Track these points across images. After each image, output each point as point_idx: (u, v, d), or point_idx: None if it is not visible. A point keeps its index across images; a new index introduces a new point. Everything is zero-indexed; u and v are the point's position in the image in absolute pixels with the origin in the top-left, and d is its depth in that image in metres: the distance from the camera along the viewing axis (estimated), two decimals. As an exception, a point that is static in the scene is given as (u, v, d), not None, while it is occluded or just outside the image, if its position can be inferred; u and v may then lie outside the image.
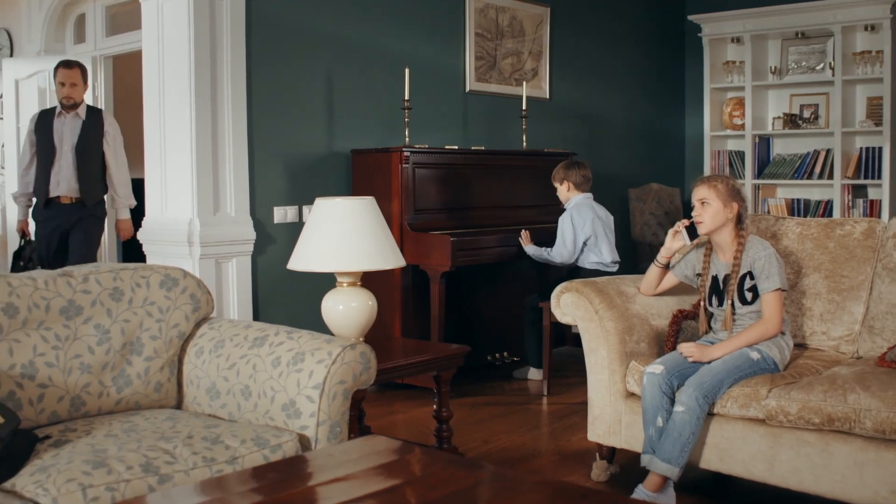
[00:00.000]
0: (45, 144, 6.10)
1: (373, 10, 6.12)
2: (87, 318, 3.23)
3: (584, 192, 5.96)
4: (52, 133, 6.11)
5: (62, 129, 6.11)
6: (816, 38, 8.20)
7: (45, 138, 6.11)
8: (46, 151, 6.10)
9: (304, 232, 3.93)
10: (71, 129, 6.11)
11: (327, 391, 3.02)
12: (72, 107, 6.10)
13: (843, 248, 4.20)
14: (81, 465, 2.60)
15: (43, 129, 6.15)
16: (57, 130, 6.11)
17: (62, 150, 6.10)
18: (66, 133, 6.11)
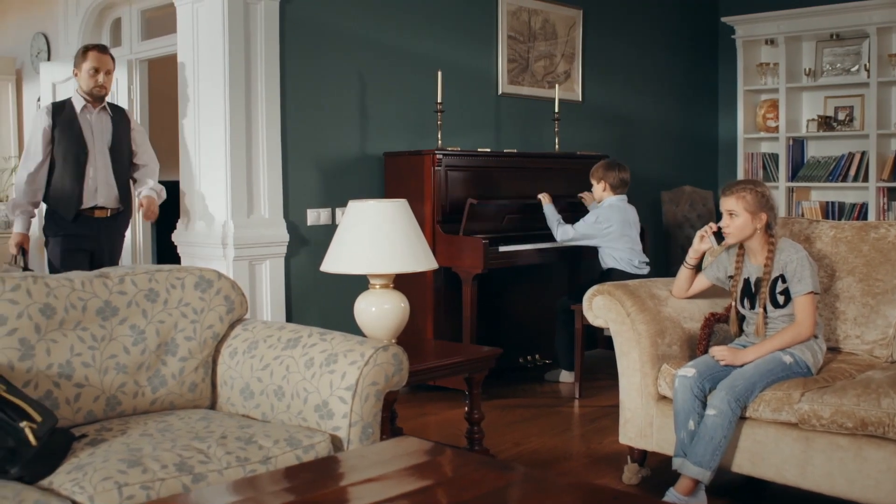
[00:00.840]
0: (74, 143, 5.19)
1: (406, 13, 6.15)
2: (122, 318, 3.27)
3: (619, 194, 5.95)
4: (80, 129, 5.21)
5: (91, 125, 5.26)
6: (851, 40, 8.14)
7: (73, 135, 5.19)
8: (76, 151, 5.18)
9: (337, 234, 3.95)
10: (101, 125, 5.29)
11: (360, 392, 3.04)
12: (100, 99, 5.29)
13: (878, 251, 4.17)
14: (117, 463, 2.64)
15: (67, 125, 5.20)
16: (86, 126, 5.24)
17: (95, 151, 5.24)
18: (97, 130, 5.27)
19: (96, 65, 5.23)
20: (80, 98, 5.27)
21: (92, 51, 5.30)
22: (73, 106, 5.25)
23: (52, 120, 5.21)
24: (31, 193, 5.23)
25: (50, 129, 5.20)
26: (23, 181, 5.21)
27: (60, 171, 5.19)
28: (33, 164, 5.20)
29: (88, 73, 5.23)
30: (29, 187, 5.21)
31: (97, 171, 5.22)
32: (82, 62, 5.25)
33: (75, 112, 5.23)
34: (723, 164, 8.95)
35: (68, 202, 5.19)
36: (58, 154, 5.20)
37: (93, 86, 5.23)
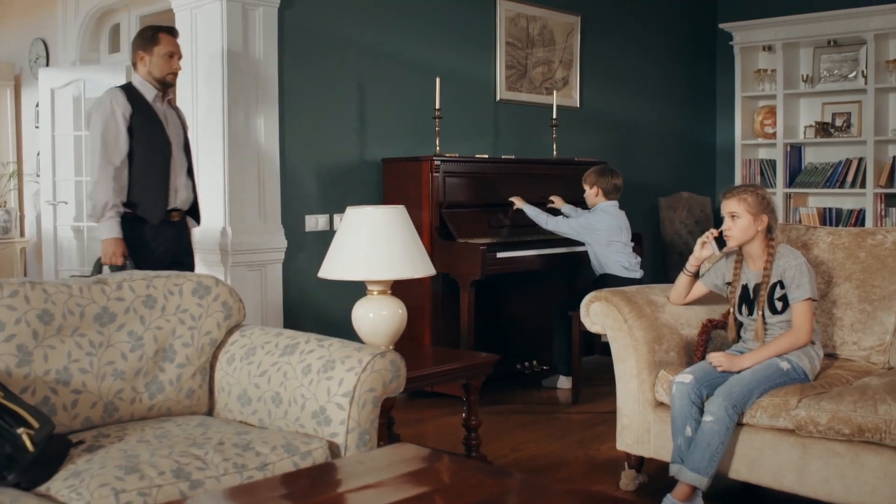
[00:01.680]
0: (158, 137, 4.65)
1: (404, 20, 6.16)
2: (120, 324, 3.27)
3: (611, 200, 5.96)
4: (159, 120, 4.69)
5: (165, 116, 4.75)
6: (849, 46, 8.16)
7: (156, 129, 4.65)
8: (160, 147, 4.65)
9: (334, 240, 3.95)
10: (172, 117, 4.81)
11: (357, 399, 3.04)
12: (167, 89, 4.77)
13: (875, 257, 4.18)
14: (114, 470, 2.64)
15: (145, 114, 4.63)
16: (162, 117, 4.71)
17: (173, 145, 4.74)
18: (171, 122, 4.78)
19: (172, 48, 4.72)
20: (149, 86, 4.70)
21: (164, 33, 4.74)
22: (141, 94, 4.67)
23: (130, 108, 4.58)
24: (119, 191, 4.54)
25: (129, 117, 4.58)
26: (109, 177, 4.50)
27: (143, 167, 4.59)
28: (118, 157, 4.54)
29: (163, 57, 4.68)
30: (117, 184, 4.52)
31: (177, 171, 4.75)
32: (153, 46, 4.67)
33: (147, 100, 4.67)
34: (720, 170, 8.97)
35: (154, 204, 4.63)
36: (138, 147, 4.59)
37: (168, 71, 4.70)
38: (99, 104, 4.62)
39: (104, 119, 4.56)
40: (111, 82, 6.93)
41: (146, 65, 4.69)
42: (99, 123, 4.55)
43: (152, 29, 4.76)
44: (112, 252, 4.49)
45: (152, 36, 4.70)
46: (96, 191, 4.52)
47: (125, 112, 4.55)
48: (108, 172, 4.51)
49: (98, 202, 4.51)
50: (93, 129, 4.59)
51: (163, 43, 4.68)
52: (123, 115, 4.55)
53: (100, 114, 4.57)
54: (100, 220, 4.53)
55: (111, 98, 4.59)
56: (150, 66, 4.68)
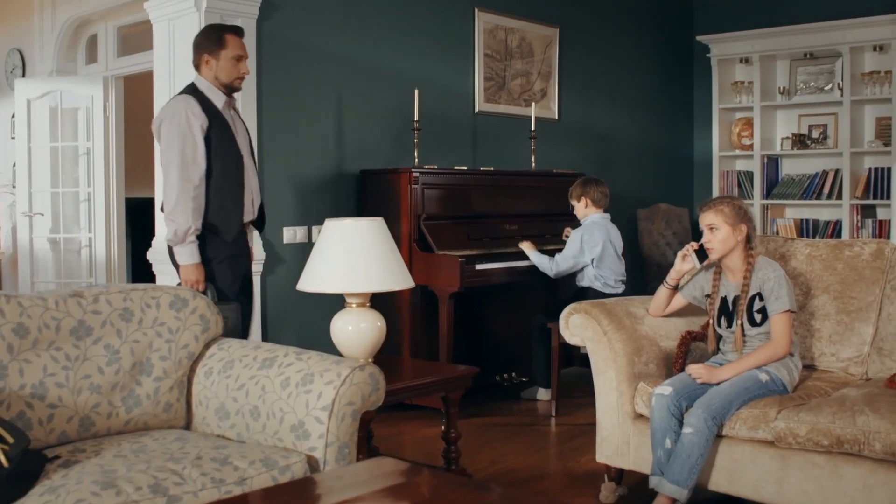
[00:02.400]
0: (231, 149, 4.39)
1: (383, 32, 6.15)
2: (97, 338, 3.24)
3: (601, 209, 5.96)
4: (232, 132, 4.43)
5: (235, 124, 4.48)
6: (825, 59, 8.21)
7: (229, 140, 4.40)
8: (234, 159, 4.41)
9: (313, 253, 3.93)
10: (240, 125, 4.54)
11: (336, 412, 3.02)
12: (233, 93, 4.50)
13: (852, 269, 4.20)
14: (90, 485, 2.61)
15: (219, 124, 4.36)
16: (232, 126, 4.45)
17: (245, 156, 4.50)
18: (240, 131, 4.52)
19: (240, 51, 4.43)
20: (217, 92, 4.40)
21: (230, 34, 4.44)
22: (212, 102, 4.38)
23: (207, 119, 4.29)
24: (198, 212, 4.27)
25: (206, 129, 4.29)
26: (189, 198, 4.24)
27: (220, 182, 4.34)
28: (197, 174, 4.26)
29: (231, 61, 4.39)
30: (195, 204, 4.26)
31: (251, 183, 4.51)
32: (219, 49, 4.38)
33: (218, 108, 4.39)
34: (698, 181, 9.01)
35: (231, 221, 4.40)
36: (216, 162, 4.32)
37: (235, 76, 4.42)
38: (172, 114, 4.30)
39: (181, 132, 4.25)
40: (88, 93, 6.93)
41: (212, 69, 4.40)
42: (175, 137, 4.26)
43: (218, 30, 4.48)
44: (195, 279, 4.30)
45: (218, 38, 4.41)
46: (177, 213, 4.25)
47: (203, 125, 4.27)
48: (188, 193, 4.24)
49: (180, 227, 4.24)
50: (166, 142, 4.30)
51: (230, 45, 4.40)
52: (201, 127, 4.27)
53: (175, 126, 4.27)
54: (179, 244, 4.28)
55: (186, 108, 4.28)
56: (216, 70, 4.40)
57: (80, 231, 7.20)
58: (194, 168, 4.26)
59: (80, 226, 7.21)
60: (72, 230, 7.21)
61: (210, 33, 4.46)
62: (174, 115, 4.28)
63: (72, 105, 7.13)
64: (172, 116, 4.28)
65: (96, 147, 7.00)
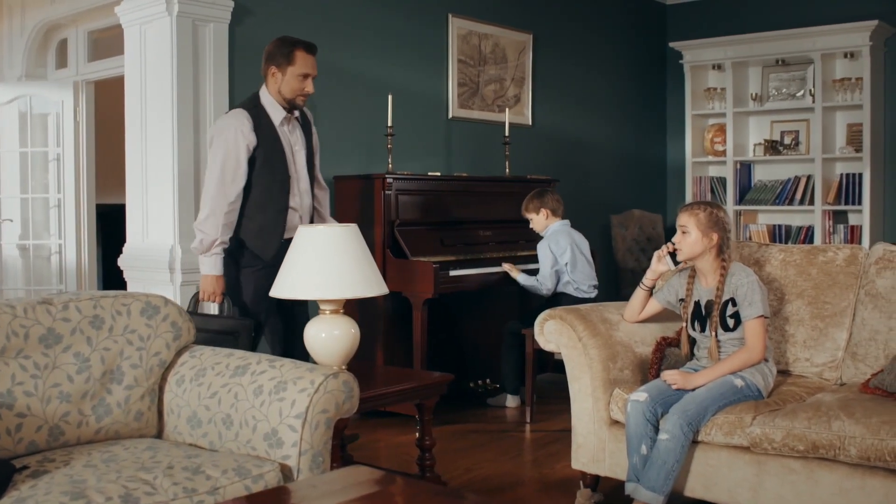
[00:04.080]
0: (279, 168, 4.42)
1: (356, 37, 6.13)
2: (66, 346, 3.20)
3: (559, 217, 5.96)
4: (282, 149, 4.44)
5: (290, 141, 4.51)
6: (796, 66, 8.26)
7: (276, 157, 4.41)
8: (280, 178, 4.43)
9: (286, 259, 3.90)
10: (297, 140, 4.55)
11: (310, 420, 2.99)
12: (296, 109, 4.54)
13: (826, 274, 4.21)
14: (59, 496, 2.56)
15: (269, 143, 4.40)
16: (286, 144, 4.47)
17: (297, 175, 4.51)
18: (296, 148, 4.53)
19: (307, 69, 4.42)
20: (278, 108, 4.44)
21: (301, 50, 4.42)
22: (269, 116, 4.42)
23: (254, 135, 4.34)
24: (228, 227, 4.34)
25: (253, 149, 4.35)
26: (222, 212, 4.31)
27: (262, 200, 4.40)
28: (234, 192, 4.33)
29: (297, 77, 4.40)
30: (227, 219, 4.33)
31: (302, 199, 4.53)
32: (287, 64, 4.39)
33: (274, 125, 4.42)
34: (671, 187, 9.04)
35: (270, 239, 4.42)
36: (258, 180, 4.38)
37: (299, 93, 4.43)
38: (223, 129, 4.38)
39: (226, 149, 4.32)
40: (58, 98, 6.87)
41: (277, 82, 4.42)
42: (220, 152, 4.33)
43: (289, 44, 4.44)
44: (212, 290, 4.38)
45: (288, 53, 4.40)
46: (206, 224, 4.32)
47: (249, 144, 4.32)
48: (222, 207, 4.31)
49: (207, 237, 4.31)
50: (212, 155, 4.38)
51: (298, 62, 4.39)
52: (248, 147, 4.32)
53: (222, 142, 4.34)
54: (203, 254, 4.35)
55: (237, 127, 4.33)
56: (280, 84, 4.42)
57: (49, 237, 7.13)
58: (232, 186, 4.32)
59: (49, 232, 7.14)
60: (41, 236, 7.14)
61: (281, 46, 4.45)
62: (223, 131, 4.36)
63: (42, 110, 7.06)
64: (222, 132, 4.37)
65: (66, 152, 6.93)
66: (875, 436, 3.26)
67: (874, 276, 4.09)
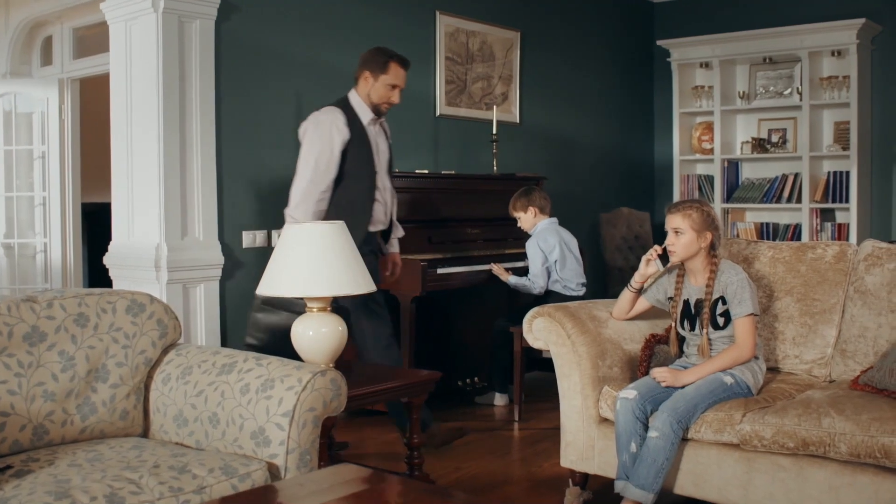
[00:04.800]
0: (366, 164, 4.72)
1: (343, 34, 6.10)
2: (51, 344, 3.17)
3: (547, 215, 5.96)
4: (369, 147, 4.75)
5: (376, 142, 4.81)
6: (784, 64, 8.26)
7: (366, 155, 4.73)
8: (368, 175, 4.73)
9: (273, 256, 3.87)
10: (381, 142, 4.86)
11: (297, 419, 2.96)
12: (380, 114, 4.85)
13: (815, 271, 4.20)
14: (43, 496, 2.53)
15: (358, 140, 4.70)
16: (373, 144, 4.78)
17: (381, 174, 4.82)
18: (381, 148, 4.84)
19: (397, 80, 4.78)
20: (365, 109, 4.78)
21: (396, 63, 4.77)
22: (358, 116, 4.74)
23: (348, 132, 4.65)
24: (318, 215, 4.62)
25: (346, 142, 4.64)
26: (313, 201, 4.61)
27: (351, 192, 4.66)
28: (325, 183, 4.62)
29: (387, 86, 4.75)
30: (318, 207, 4.62)
31: (383, 193, 4.81)
32: (381, 72, 4.75)
33: (363, 123, 4.74)
34: (659, 185, 9.03)
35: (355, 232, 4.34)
36: (350, 174, 4.66)
37: (385, 101, 4.79)
38: (318, 124, 4.68)
39: (321, 142, 4.63)
40: (43, 96, 6.83)
41: (368, 86, 4.76)
42: (315, 145, 4.63)
43: (386, 55, 4.79)
44: None
45: (384, 62, 4.74)
46: (298, 211, 4.61)
47: (343, 139, 4.62)
48: (314, 196, 4.61)
49: None
50: (307, 147, 4.66)
51: (391, 73, 4.73)
52: (342, 140, 4.62)
53: (318, 136, 4.64)
54: None
55: (332, 121, 4.65)
56: (370, 89, 4.76)
57: (35, 236, 7.08)
58: (325, 175, 4.61)
59: (35, 231, 7.08)
60: (26, 235, 7.09)
61: (378, 55, 4.80)
62: (318, 125, 4.68)
63: (26, 108, 7.01)
64: (317, 126, 4.68)
65: (52, 151, 6.88)
66: (865, 432, 3.26)
67: (863, 272, 4.08)
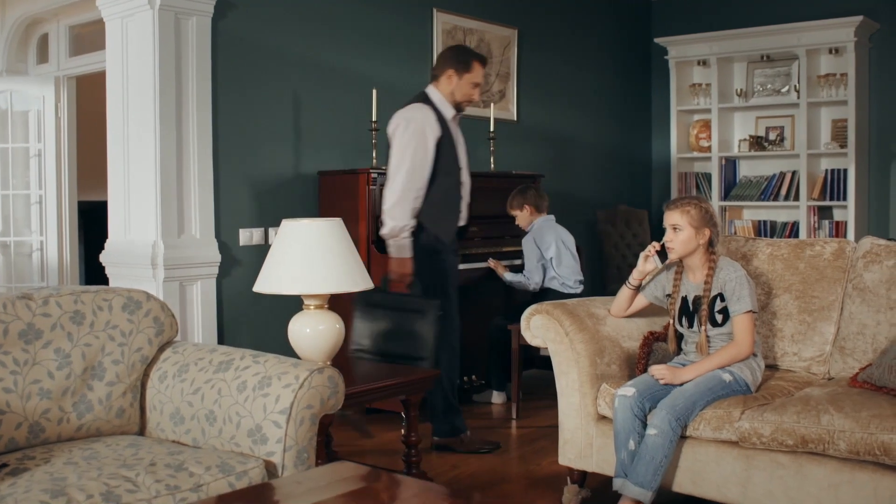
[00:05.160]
0: (452, 160, 4.86)
1: (340, 32, 6.08)
2: (46, 342, 3.15)
3: (544, 212, 5.95)
4: (455, 145, 4.89)
5: (457, 138, 4.93)
6: (781, 61, 8.25)
7: (452, 152, 4.86)
8: (454, 169, 4.88)
9: (270, 253, 3.86)
10: (461, 138, 5.00)
11: (294, 416, 2.95)
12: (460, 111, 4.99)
13: (814, 268, 4.19)
14: (39, 494, 2.52)
15: (448, 140, 4.84)
16: (456, 139, 4.91)
17: (465, 169, 4.96)
18: (461, 144, 4.98)
19: (479, 80, 4.92)
20: (448, 106, 4.89)
21: (478, 62, 4.91)
22: (442, 113, 4.85)
23: (439, 129, 4.77)
24: (415, 213, 4.76)
25: (437, 139, 4.76)
26: (411, 199, 4.75)
27: (444, 188, 4.81)
28: (421, 178, 4.74)
29: (470, 84, 4.88)
30: (414, 204, 4.75)
31: (465, 188, 4.95)
32: (465, 71, 4.87)
33: (446, 120, 4.86)
34: (656, 183, 9.02)
35: (450, 224, 4.86)
36: (441, 170, 4.79)
37: (467, 99, 4.93)
38: (409, 121, 4.76)
39: (415, 139, 4.72)
40: (39, 94, 6.80)
41: (451, 84, 4.87)
42: (410, 143, 4.73)
43: (469, 54, 4.93)
44: (403, 272, 4.79)
45: (467, 62, 4.86)
46: (396, 210, 4.73)
47: (436, 136, 4.73)
48: (410, 194, 4.72)
49: (398, 223, 4.73)
50: (400, 145, 4.75)
51: (474, 72, 4.86)
52: (435, 138, 4.72)
53: (411, 134, 4.73)
54: (393, 239, 4.78)
55: (424, 119, 4.75)
56: (454, 87, 4.86)
57: (31, 234, 7.06)
58: (421, 174, 4.71)
59: (31, 229, 7.06)
60: (22, 233, 7.07)
61: (460, 54, 4.93)
62: (410, 122, 4.77)
63: (22, 106, 6.99)
64: (409, 123, 4.76)
65: (48, 149, 6.86)
66: (864, 430, 3.25)
67: (862, 269, 4.07)
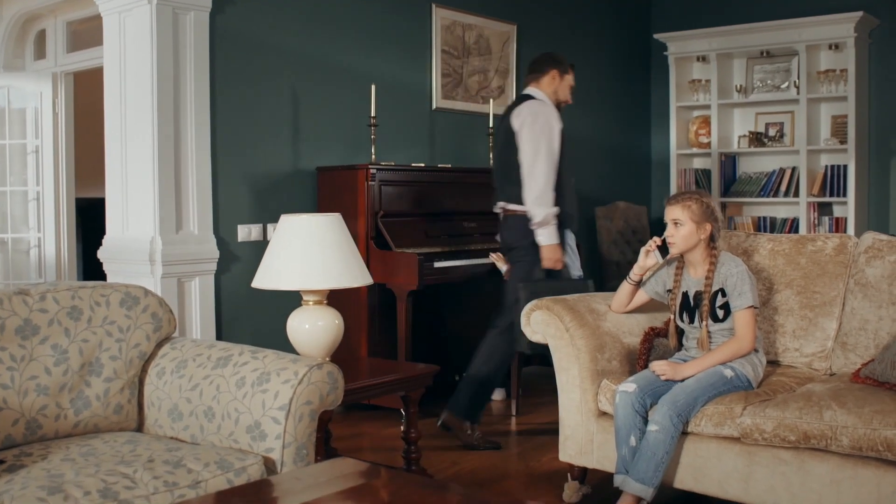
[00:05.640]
0: (566, 152, 5.12)
1: (339, 28, 6.06)
2: (44, 337, 3.13)
3: None
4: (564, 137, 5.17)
5: None
6: (781, 57, 8.24)
7: (565, 144, 5.13)
8: (567, 161, 5.13)
9: (269, 249, 3.84)
10: None
11: (293, 412, 2.93)
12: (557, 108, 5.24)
13: (815, 263, 4.17)
14: (36, 490, 2.50)
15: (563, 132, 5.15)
16: None
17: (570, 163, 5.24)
18: None
19: (573, 83, 5.31)
20: (552, 104, 5.18)
21: (572, 69, 5.31)
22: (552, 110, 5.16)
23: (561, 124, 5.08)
24: (556, 201, 5.00)
25: (560, 131, 5.06)
26: (552, 185, 4.97)
27: (567, 177, 5.10)
28: (555, 166, 5.01)
29: (569, 86, 5.27)
30: (556, 194, 5.00)
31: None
32: (566, 74, 5.26)
33: None
34: (656, 179, 9.00)
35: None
36: (564, 161, 5.08)
37: (564, 99, 5.27)
38: (537, 115, 5.01)
39: (547, 131, 4.99)
40: (37, 90, 6.79)
41: (555, 84, 5.21)
42: (543, 134, 4.98)
43: (565, 61, 5.29)
44: (556, 257, 5.01)
45: (566, 65, 5.25)
46: (545, 198, 4.94)
47: (560, 128, 5.03)
48: (552, 180, 4.95)
49: (550, 211, 4.94)
50: (533, 139, 4.97)
51: (572, 76, 5.28)
52: (560, 130, 5.02)
53: (539, 125, 4.98)
54: (544, 227, 4.97)
55: (550, 111, 5.06)
56: (557, 86, 5.21)
57: (28, 231, 7.04)
58: (555, 162, 4.98)
59: (28, 226, 7.04)
60: (20, 230, 7.05)
61: (562, 59, 5.29)
62: (538, 115, 5.02)
63: (20, 102, 6.97)
64: (536, 116, 5.02)
65: (45, 145, 6.84)
66: (867, 425, 3.23)
67: (863, 265, 4.05)
